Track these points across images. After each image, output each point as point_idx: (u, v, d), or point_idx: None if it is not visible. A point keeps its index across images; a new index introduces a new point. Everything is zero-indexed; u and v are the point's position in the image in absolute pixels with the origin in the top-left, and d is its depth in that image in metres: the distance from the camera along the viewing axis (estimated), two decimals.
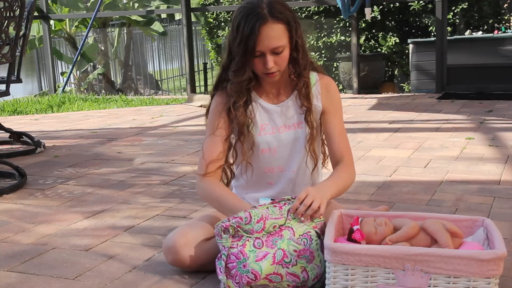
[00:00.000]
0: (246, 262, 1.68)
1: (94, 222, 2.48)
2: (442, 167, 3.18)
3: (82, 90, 10.83)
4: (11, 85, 3.84)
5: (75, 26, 10.79)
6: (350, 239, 1.65)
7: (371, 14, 7.39)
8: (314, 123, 1.94)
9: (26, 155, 3.92)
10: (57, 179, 3.23)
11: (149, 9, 10.22)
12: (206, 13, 9.85)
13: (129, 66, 11.95)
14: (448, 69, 6.46)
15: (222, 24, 9.77)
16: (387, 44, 8.23)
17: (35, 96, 8.71)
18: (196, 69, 8.93)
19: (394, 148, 3.71)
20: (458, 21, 8.14)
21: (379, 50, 8.29)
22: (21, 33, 3.75)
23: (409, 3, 7.96)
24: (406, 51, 7.93)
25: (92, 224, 2.45)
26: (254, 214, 1.72)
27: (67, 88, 9.22)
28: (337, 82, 8.06)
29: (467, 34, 7.57)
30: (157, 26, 10.92)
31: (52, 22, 9.64)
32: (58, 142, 4.36)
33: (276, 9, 1.81)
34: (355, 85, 6.75)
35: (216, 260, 1.76)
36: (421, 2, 7.90)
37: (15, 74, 3.92)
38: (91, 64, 11.27)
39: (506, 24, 8.43)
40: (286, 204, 1.77)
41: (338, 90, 2.03)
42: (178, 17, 11.31)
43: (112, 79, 11.82)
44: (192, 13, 8.17)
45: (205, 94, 8.05)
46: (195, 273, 1.88)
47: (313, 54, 8.68)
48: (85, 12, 10.78)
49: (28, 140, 4.07)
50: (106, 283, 1.86)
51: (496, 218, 2.35)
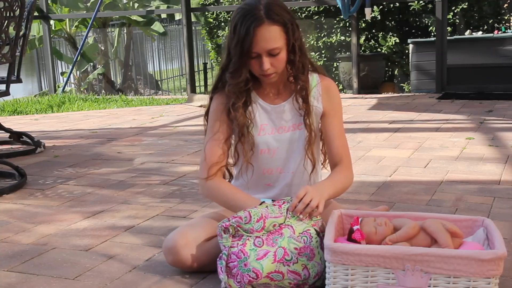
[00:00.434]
0: (247, 261, 1.69)
1: (94, 222, 2.48)
2: (442, 167, 3.18)
3: (82, 90, 10.83)
4: (11, 85, 3.84)
5: (75, 26, 10.79)
6: (350, 239, 1.66)
7: (371, 14, 7.40)
8: (312, 126, 1.94)
9: (26, 155, 3.92)
10: (57, 179, 3.23)
11: (149, 9, 10.22)
12: (206, 13, 9.85)
13: (129, 66, 11.95)
14: (448, 69, 6.46)
15: (222, 24, 9.77)
16: (387, 44, 8.23)
17: (35, 96, 8.71)
18: (196, 69, 8.94)
19: (394, 148, 3.71)
20: (458, 21, 8.14)
21: (379, 50, 8.29)
22: (21, 33, 3.75)
23: (409, 3, 7.96)
24: (406, 51, 7.93)
25: (92, 224, 2.45)
26: (253, 213, 1.73)
27: (67, 88, 9.22)
28: (337, 82, 8.06)
29: (467, 34, 7.57)
30: (157, 26, 10.93)
31: (52, 22, 9.64)
32: (58, 142, 4.36)
33: (273, 10, 1.81)
34: (355, 85, 6.75)
35: (217, 259, 1.77)
36: (421, 2, 7.90)
37: (15, 74, 3.92)
38: (91, 64, 11.27)
39: (506, 24, 8.43)
40: (286, 203, 1.78)
41: (338, 92, 2.03)
42: (178, 17, 11.32)
43: (112, 79, 11.82)
44: (192, 13, 8.17)
45: (205, 94, 8.05)
46: (195, 273, 1.88)
47: (313, 54, 8.68)
48: (85, 12, 10.78)
49: (28, 140, 4.07)
50: (106, 283, 1.86)
51: (496, 218, 2.35)
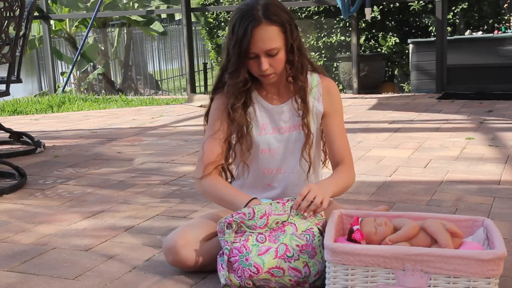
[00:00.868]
0: (248, 256, 1.69)
1: (94, 222, 2.48)
2: (442, 167, 3.18)
3: (82, 90, 10.83)
4: (11, 85, 3.84)
5: (75, 26, 10.79)
6: (350, 239, 1.66)
7: (371, 14, 7.40)
8: (310, 126, 1.94)
9: (26, 155, 3.92)
10: (57, 179, 3.23)
11: (149, 9, 10.22)
12: (206, 13, 9.85)
13: (129, 66, 11.95)
14: (448, 69, 6.46)
15: (222, 24, 9.77)
16: (387, 44, 8.23)
17: (35, 96, 8.71)
18: (196, 69, 8.94)
19: (394, 148, 3.71)
20: (458, 21, 8.14)
21: (379, 50, 8.29)
22: (21, 33, 3.75)
23: (409, 3, 7.96)
24: (406, 51, 7.93)
25: (92, 224, 2.45)
26: (257, 210, 1.74)
27: (67, 88, 9.21)
28: (337, 82, 8.05)
29: (467, 34, 7.57)
30: (157, 26, 10.93)
31: (52, 22, 9.64)
32: (58, 142, 4.36)
33: (271, 11, 1.81)
34: (355, 85, 6.75)
35: (218, 256, 1.77)
36: (421, 2, 7.90)
37: (15, 74, 3.92)
38: (91, 64, 11.27)
39: (506, 24, 8.43)
40: (289, 201, 1.79)
41: (339, 93, 2.03)
42: (178, 17, 11.32)
43: (112, 79, 11.82)
44: (192, 13, 8.17)
45: (205, 94, 8.06)
46: (195, 273, 1.88)
47: (313, 54, 8.68)
48: (85, 12, 10.78)
49: (28, 140, 4.07)
50: (106, 283, 1.86)
51: (496, 218, 2.35)
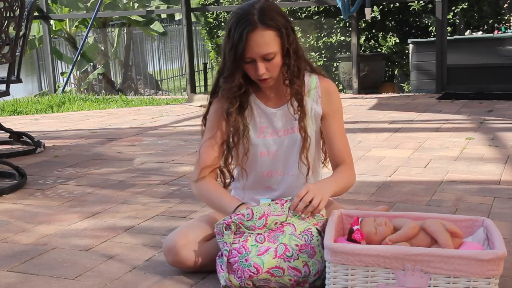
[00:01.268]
0: (248, 256, 1.70)
1: (94, 222, 2.48)
2: (442, 167, 3.18)
3: (82, 90, 10.84)
4: (11, 85, 3.84)
5: (75, 26, 10.79)
6: (350, 239, 1.66)
7: (371, 14, 7.40)
8: (307, 129, 1.93)
9: (26, 155, 3.92)
10: (57, 179, 3.23)
11: (149, 9, 10.22)
12: (206, 13, 9.85)
13: (129, 66, 11.95)
14: (448, 69, 6.46)
15: (222, 24, 9.76)
16: (387, 44, 8.23)
17: (35, 96, 8.71)
18: (196, 69, 8.94)
19: (394, 148, 3.71)
20: (458, 21, 8.14)
21: (379, 50, 8.29)
22: (21, 33, 3.75)
23: (409, 3, 7.96)
24: (406, 51, 7.93)
25: (92, 224, 2.45)
26: (256, 211, 1.75)
27: (67, 88, 9.22)
28: (337, 82, 8.06)
29: (467, 34, 7.57)
30: (157, 26, 10.93)
31: (52, 22, 9.64)
32: (58, 142, 4.36)
33: (267, 15, 1.80)
34: (355, 85, 6.75)
35: (217, 258, 1.77)
36: (421, 2, 7.90)
37: (15, 74, 3.92)
38: (91, 64, 11.27)
39: (506, 24, 8.43)
40: (288, 201, 1.79)
41: (338, 94, 2.02)
42: (178, 17, 11.31)
43: (112, 79, 11.82)
44: (192, 13, 8.17)
45: (205, 94, 8.05)
46: (195, 273, 1.88)
47: (313, 54, 8.69)
48: (85, 12, 10.77)
49: (28, 140, 4.07)
50: (106, 283, 1.86)
51: (496, 218, 2.35)
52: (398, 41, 8.19)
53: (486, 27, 8.05)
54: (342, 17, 7.52)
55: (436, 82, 6.48)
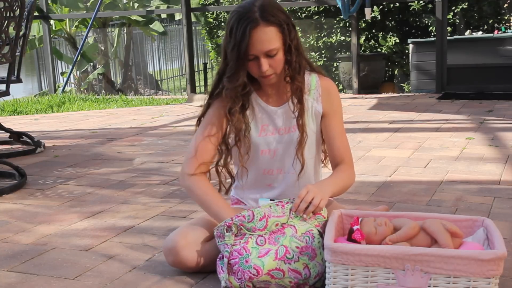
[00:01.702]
0: (248, 258, 1.70)
1: (94, 222, 2.48)
2: (442, 167, 3.18)
3: (82, 90, 10.83)
4: (11, 85, 3.84)
5: (75, 26, 10.79)
6: (350, 239, 1.66)
7: (371, 14, 7.40)
8: (305, 127, 1.93)
9: (26, 155, 3.92)
10: (57, 179, 3.23)
11: (149, 9, 10.22)
12: (206, 13, 9.85)
13: (129, 66, 11.95)
14: (448, 69, 6.46)
15: (222, 24, 9.76)
16: (387, 44, 8.23)
17: (35, 96, 8.71)
18: (196, 69, 8.94)
19: (394, 148, 3.71)
20: (458, 21, 8.14)
21: (379, 50, 8.29)
22: (21, 33, 3.75)
23: (409, 3, 7.96)
24: (406, 51, 7.93)
25: (92, 224, 2.45)
26: (256, 213, 1.75)
27: (67, 88, 9.22)
28: (337, 82, 8.06)
29: (467, 34, 7.57)
30: (157, 26, 10.93)
31: (52, 22, 9.64)
32: (58, 142, 4.36)
33: (268, 12, 1.80)
34: (355, 85, 6.75)
35: (217, 260, 1.77)
36: (421, 2, 7.90)
37: (15, 74, 3.92)
38: (91, 64, 11.27)
39: (506, 24, 8.42)
40: (289, 203, 1.79)
41: (338, 93, 2.02)
42: (178, 17, 11.31)
43: (112, 79, 11.83)
44: (192, 13, 8.17)
45: (205, 94, 8.04)
46: (195, 273, 1.88)
47: (313, 54, 8.69)
48: (85, 12, 10.78)
49: (28, 140, 4.07)
50: (106, 283, 1.86)
51: (496, 218, 2.35)
52: (398, 41, 8.19)
53: (486, 27, 8.05)
54: (342, 17, 7.52)
55: (436, 82, 6.48)
